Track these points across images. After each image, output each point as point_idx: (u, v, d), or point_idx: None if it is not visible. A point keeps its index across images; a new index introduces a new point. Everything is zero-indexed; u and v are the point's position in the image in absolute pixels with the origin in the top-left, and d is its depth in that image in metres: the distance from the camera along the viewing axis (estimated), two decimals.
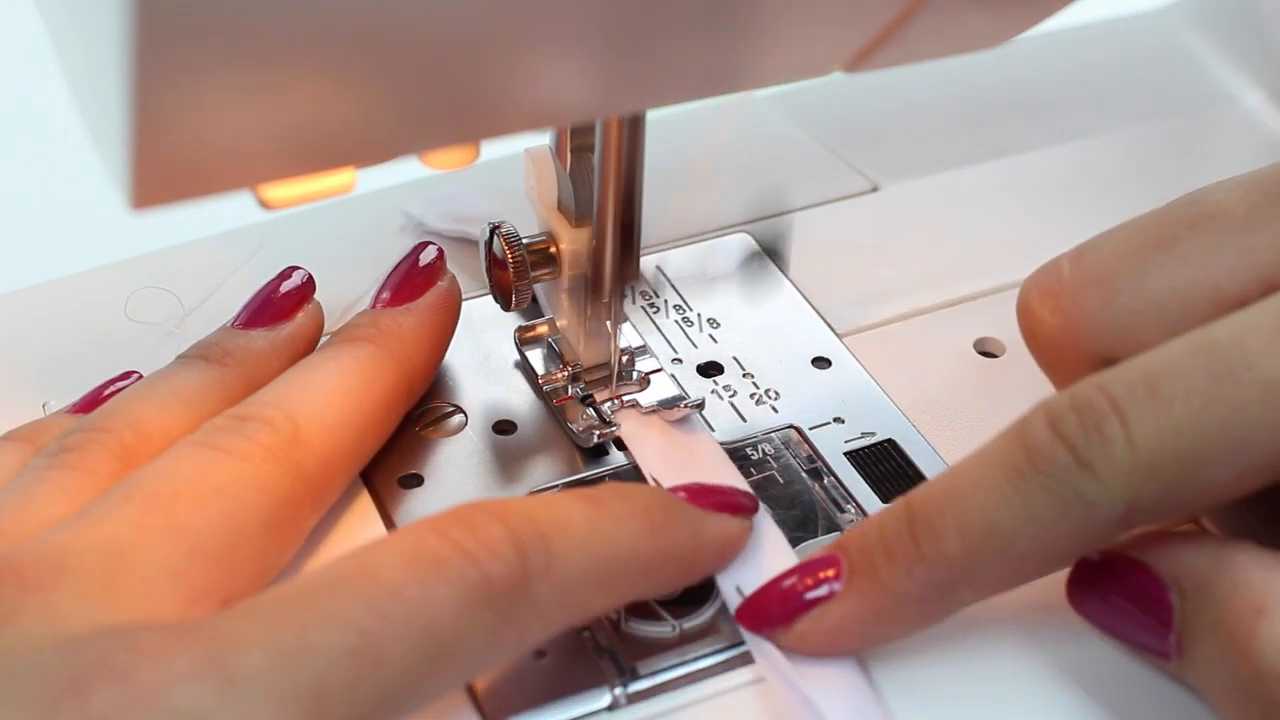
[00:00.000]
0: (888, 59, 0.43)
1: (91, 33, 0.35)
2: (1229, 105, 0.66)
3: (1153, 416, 0.39)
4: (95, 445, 0.44)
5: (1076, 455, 0.40)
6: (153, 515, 0.41)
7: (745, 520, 0.46)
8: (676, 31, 0.39)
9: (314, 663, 0.37)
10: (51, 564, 0.39)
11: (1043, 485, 0.40)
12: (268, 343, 0.49)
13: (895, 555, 0.42)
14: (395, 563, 0.39)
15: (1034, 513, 0.40)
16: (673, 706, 0.44)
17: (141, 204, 0.37)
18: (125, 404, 0.46)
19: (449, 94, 0.38)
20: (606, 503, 0.42)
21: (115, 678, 0.36)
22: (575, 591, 0.41)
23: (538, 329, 0.53)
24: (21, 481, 0.44)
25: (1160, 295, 0.43)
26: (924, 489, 0.42)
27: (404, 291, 0.50)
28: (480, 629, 0.39)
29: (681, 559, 0.44)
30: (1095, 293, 0.44)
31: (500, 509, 0.41)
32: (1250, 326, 0.40)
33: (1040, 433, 0.40)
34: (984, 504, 0.41)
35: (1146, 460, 0.39)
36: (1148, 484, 0.39)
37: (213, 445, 0.44)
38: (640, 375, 0.52)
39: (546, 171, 0.50)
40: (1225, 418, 0.39)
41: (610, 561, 0.42)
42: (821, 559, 0.43)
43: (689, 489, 0.45)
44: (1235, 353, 0.39)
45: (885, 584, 0.42)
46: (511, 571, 0.39)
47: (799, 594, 0.43)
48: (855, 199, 0.61)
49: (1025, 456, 0.40)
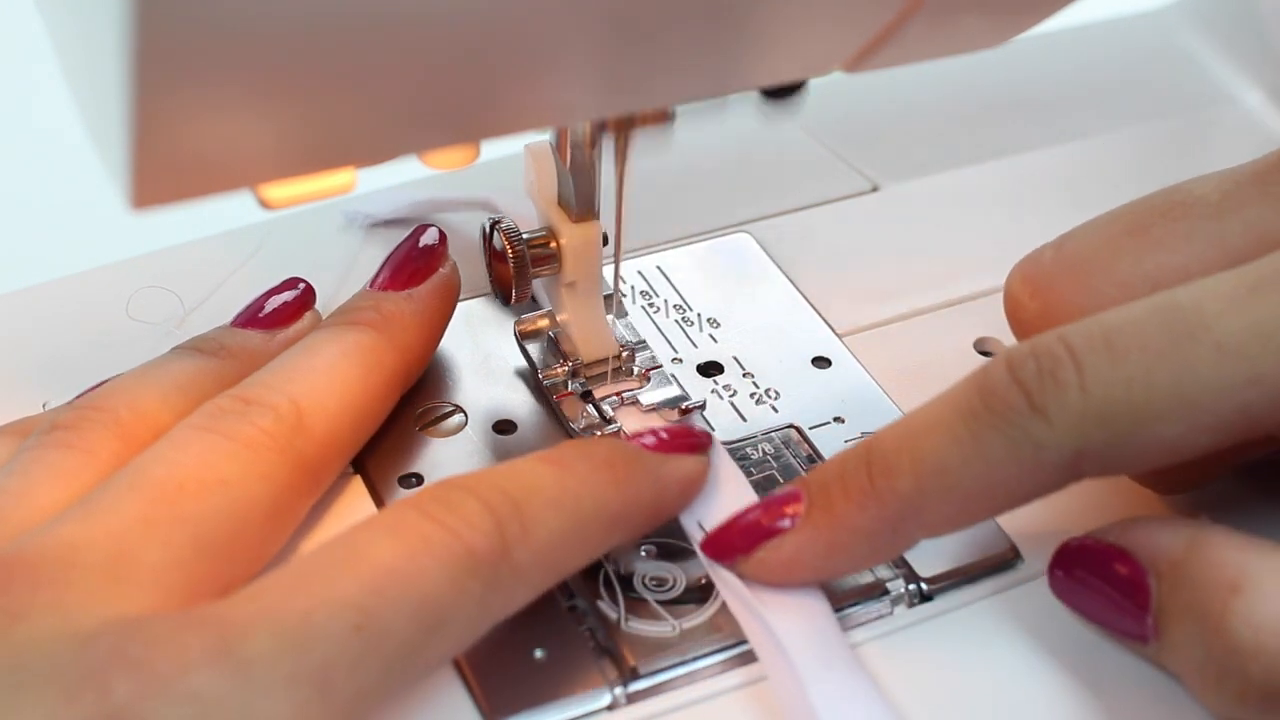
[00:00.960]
0: (888, 59, 0.43)
1: (92, 34, 0.35)
2: (1229, 105, 0.66)
3: (1107, 367, 0.40)
4: (92, 424, 0.45)
5: (1030, 399, 0.40)
6: (159, 507, 0.42)
7: (702, 456, 0.47)
8: (677, 31, 0.39)
9: (319, 643, 0.38)
10: (60, 559, 0.40)
11: (994, 425, 0.41)
12: (263, 342, 0.49)
13: (851, 490, 0.43)
14: (384, 542, 0.40)
15: (984, 452, 0.41)
16: (673, 706, 0.44)
17: (141, 204, 0.37)
18: (118, 385, 0.47)
19: (449, 94, 0.38)
20: (570, 462, 0.44)
21: (131, 668, 0.37)
22: (553, 552, 0.42)
23: (537, 323, 0.53)
24: (19, 463, 0.44)
25: (1131, 279, 0.44)
26: (884, 430, 0.44)
27: (404, 273, 0.50)
28: (470, 598, 0.41)
29: (647, 504, 0.45)
30: (1072, 278, 0.45)
31: (472, 482, 0.42)
32: (1211, 291, 0.40)
33: (998, 376, 0.41)
34: (937, 443, 0.42)
35: (1097, 408, 0.40)
36: (1097, 432, 0.40)
37: (217, 430, 0.44)
38: (640, 370, 0.52)
39: (546, 167, 0.50)
40: (1177, 375, 0.40)
41: (581, 518, 0.43)
42: (784, 494, 0.44)
43: (646, 435, 0.47)
44: (1193, 314, 0.40)
45: (839, 517, 0.43)
46: (491, 542, 0.41)
47: (761, 526, 0.44)
48: (855, 199, 0.61)
49: (980, 398, 0.41)
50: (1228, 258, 0.43)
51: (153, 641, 0.38)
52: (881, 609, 0.46)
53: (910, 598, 0.46)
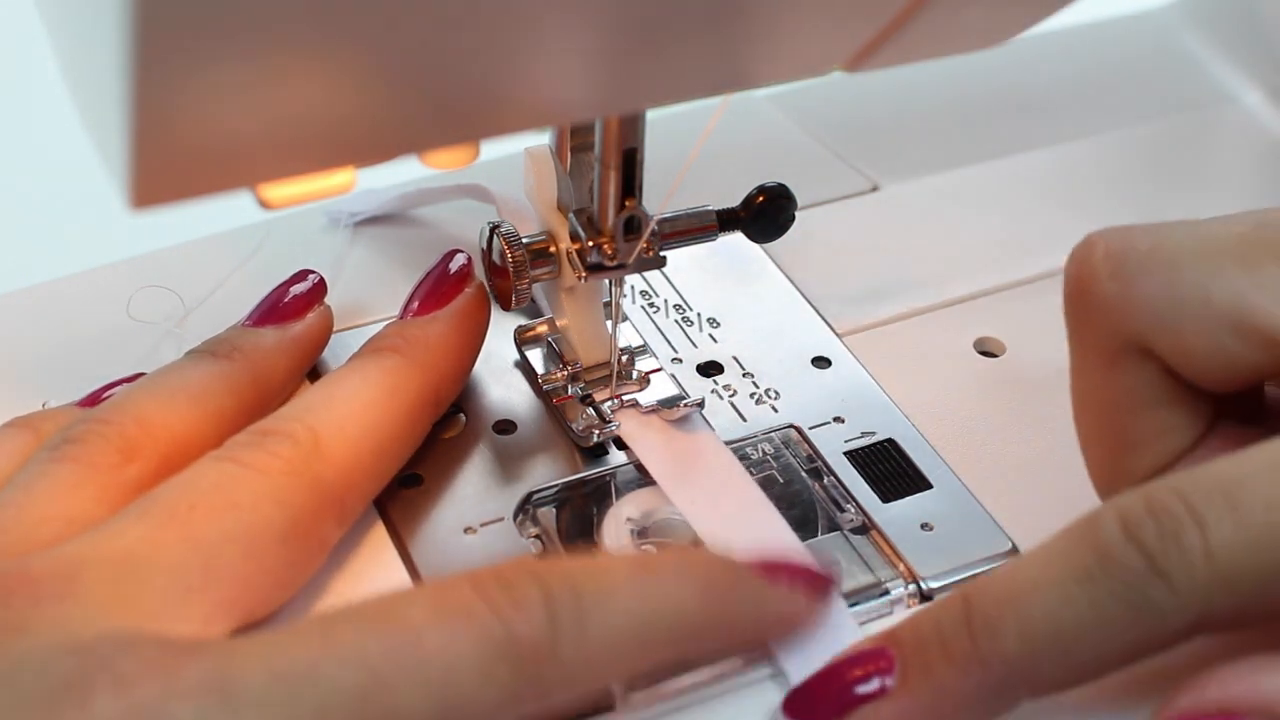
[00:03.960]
0: (888, 59, 0.43)
1: (92, 33, 0.35)
2: (1229, 105, 0.66)
3: (1231, 528, 0.38)
4: (96, 437, 0.44)
5: (1152, 563, 0.38)
6: (167, 529, 0.41)
7: (815, 604, 0.44)
8: (677, 31, 0.39)
9: (318, 694, 0.36)
10: (64, 575, 0.39)
11: (1113, 590, 0.39)
12: (275, 339, 0.49)
13: (952, 653, 0.40)
14: (421, 609, 0.38)
15: (1102, 617, 0.39)
16: (672, 706, 0.44)
17: (141, 204, 0.37)
18: (129, 397, 0.46)
19: (449, 94, 0.38)
20: (659, 567, 0.41)
21: (117, 685, 0.36)
22: (607, 655, 0.40)
23: (537, 328, 0.53)
24: (24, 476, 0.44)
25: (1222, 308, 0.42)
26: (982, 584, 0.41)
27: (433, 300, 0.50)
28: (497, 687, 0.38)
29: (738, 628, 0.43)
30: (1164, 276, 0.43)
31: (542, 568, 0.40)
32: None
33: (1113, 536, 0.39)
34: (1048, 604, 0.39)
35: (1224, 573, 0.38)
36: (1222, 597, 0.38)
37: (231, 459, 0.43)
38: (640, 374, 0.52)
39: (546, 171, 0.50)
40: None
41: (650, 625, 0.40)
42: (874, 651, 0.41)
43: (761, 563, 0.43)
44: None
45: (940, 683, 0.40)
46: (538, 632, 0.38)
47: (850, 687, 0.41)
48: (855, 199, 0.61)
49: (1096, 559, 0.39)
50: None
51: (144, 663, 0.37)
52: (881, 609, 0.46)
53: (910, 598, 0.46)
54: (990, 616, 0.40)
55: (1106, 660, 0.40)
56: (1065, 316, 0.45)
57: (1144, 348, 0.43)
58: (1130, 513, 0.39)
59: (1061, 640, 0.39)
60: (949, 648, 0.40)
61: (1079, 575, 0.39)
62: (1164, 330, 0.43)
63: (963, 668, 0.40)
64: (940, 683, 0.40)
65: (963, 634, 0.40)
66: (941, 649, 0.40)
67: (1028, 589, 0.40)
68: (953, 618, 0.40)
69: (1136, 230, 0.44)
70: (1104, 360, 0.44)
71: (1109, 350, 0.44)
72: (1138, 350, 0.43)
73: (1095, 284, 0.44)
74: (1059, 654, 0.39)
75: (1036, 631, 0.39)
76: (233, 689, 0.36)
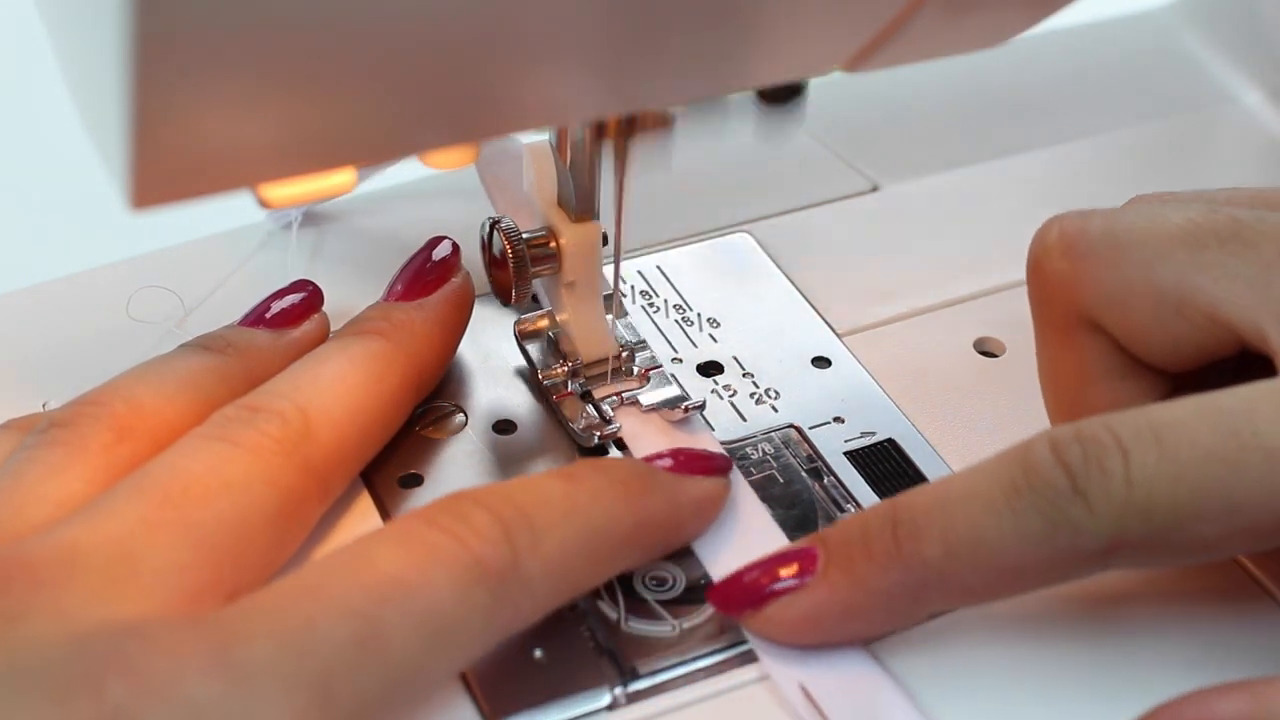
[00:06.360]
0: (888, 59, 0.43)
1: (92, 34, 0.35)
2: (1229, 105, 0.66)
3: (1155, 460, 0.40)
4: (86, 419, 0.45)
5: (1074, 481, 0.40)
6: (162, 510, 0.41)
7: (721, 479, 0.47)
8: (677, 31, 0.39)
9: (320, 650, 0.38)
10: (60, 560, 0.40)
11: (1035, 504, 0.40)
12: (270, 340, 0.49)
13: (874, 552, 0.42)
14: (391, 552, 0.40)
15: (1021, 529, 0.40)
16: (673, 706, 0.44)
17: (141, 204, 0.37)
18: (119, 382, 0.46)
19: (449, 94, 0.38)
20: (583, 478, 0.44)
21: (127, 671, 0.37)
22: (563, 565, 0.42)
23: (537, 323, 0.53)
24: (13, 461, 0.44)
25: (1165, 287, 0.43)
26: (912, 492, 0.43)
27: (417, 286, 0.50)
28: (477, 610, 0.40)
29: (661, 524, 0.45)
30: (1111, 256, 0.44)
31: (484, 495, 0.42)
32: (1260, 397, 0.40)
33: (1041, 455, 0.41)
34: (972, 513, 0.41)
35: (1141, 500, 0.40)
36: (1137, 524, 0.40)
37: (223, 438, 0.44)
38: (640, 370, 0.52)
39: (546, 167, 0.50)
40: (1224, 476, 0.39)
41: (592, 532, 0.43)
42: (799, 550, 0.43)
43: (664, 456, 0.47)
44: (1243, 418, 0.40)
45: (858, 579, 0.42)
46: (501, 553, 0.41)
47: (769, 583, 0.43)
48: (855, 199, 0.61)
49: (1023, 475, 0.41)
50: (1258, 319, 0.42)
51: (150, 645, 0.37)
52: None
53: None
54: (916, 521, 0.42)
55: (1023, 574, 0.41)
56: (1028, 293, 0.47)
57: (1096, 324, 0.45)
58: (1061, 437, 0.41)
59: (980, 547, 0.41)
60: (871, 547, 0.42)
61: (1005, 489, 0.41)
62: (1111, 308, 0.44)
63: (883, 566, 0.42)
64: (858, 578, 0.42)
65: (887, 535, 0.42)
66: (864, 547, 0.42)
67: (955, 498, 0.42)
68: (879, 520, 0.42)
69: (1094, 214, 0.46)
70: (1060, 335, 0.46)
71: (1064, 325, 0.46)
72: (1090, 326, 0.45)
73: (1048, 262, 0.46)
74: (978, 561, 0.41)
75: (959, 537, 0.41)
76: (240, 659, 0.37)
